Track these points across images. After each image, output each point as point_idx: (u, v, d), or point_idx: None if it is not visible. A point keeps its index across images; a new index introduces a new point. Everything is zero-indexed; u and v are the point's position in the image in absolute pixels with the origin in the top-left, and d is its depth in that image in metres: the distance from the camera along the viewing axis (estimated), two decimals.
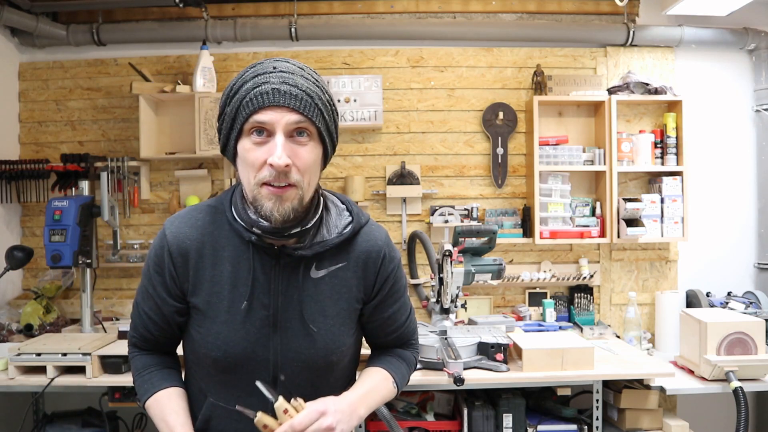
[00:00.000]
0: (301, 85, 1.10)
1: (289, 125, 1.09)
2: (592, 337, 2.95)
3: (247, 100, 1.08)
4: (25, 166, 3.03)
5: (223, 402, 1.20)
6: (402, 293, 1.33)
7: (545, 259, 3.26)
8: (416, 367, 1.45)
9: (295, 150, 1.10)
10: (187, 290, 1.20)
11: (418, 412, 2.60)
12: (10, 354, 2.34)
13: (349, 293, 1.23)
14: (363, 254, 1.23)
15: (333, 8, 3.26)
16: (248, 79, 1.10)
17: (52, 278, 3.09)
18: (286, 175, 1.08)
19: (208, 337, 1.17)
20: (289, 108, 1.08)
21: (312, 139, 1.13)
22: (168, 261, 1.19)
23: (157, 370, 1.26)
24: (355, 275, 1.23)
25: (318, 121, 1.12)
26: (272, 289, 1.18)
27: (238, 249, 1.18)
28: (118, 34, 3.22)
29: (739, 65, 3.33)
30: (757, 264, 3.31)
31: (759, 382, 2.42)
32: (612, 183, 3.07)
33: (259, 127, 1.09)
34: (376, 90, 3.19)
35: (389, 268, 1.27)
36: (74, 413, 2.66)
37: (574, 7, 3.29)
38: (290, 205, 1.10)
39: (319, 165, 1.17)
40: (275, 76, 1.09)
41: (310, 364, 1.19)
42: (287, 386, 1.19)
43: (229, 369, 1.18)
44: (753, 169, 3.33)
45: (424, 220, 3.27)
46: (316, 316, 1.19)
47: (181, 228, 1.20)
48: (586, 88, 3.17)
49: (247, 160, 1.10)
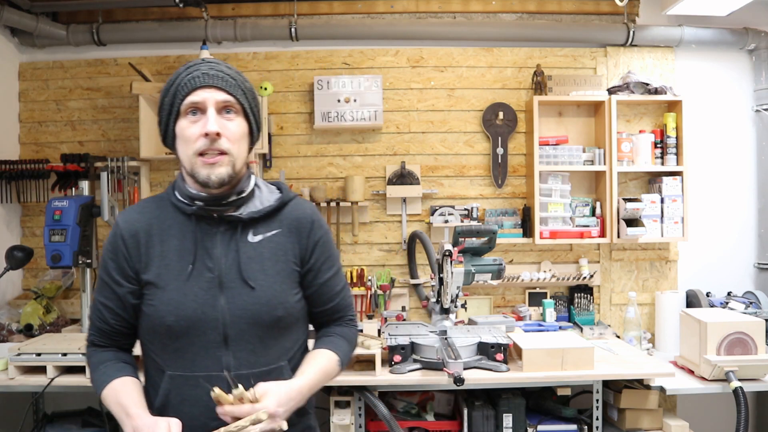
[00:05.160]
0: (225, 71, 1.31)
1: (218, 102, 1.28)
2: (592, 337, 2.95)
3: (181, 85, 1.28)
4: (25, 166, 3.03)
5: (180, 371, 1.28)
6: (335, 262, 1.46)
7: (545, 259, 3.26)
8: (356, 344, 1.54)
9: (225, 123, 1.28)
10: (140, 269, 1.31)
11: (418, 412, 2.60)
12: (10, 354, 2.34)
13: (286, 256, 1.36)
14: (295, 221, 1.39)
15: (333, 8, 3.26)
16: (181, 72, 1.30)
17: (52, 278, 3.09)
18: (218, 143, 1.26)
19: (160, 306, 1.28)
20: (218, 87, 1.28)
21: (239, 115, 1.32)
22: (121, 245, 1.33)
23: (112, 363, 1.35)
24: (289, 240, 1.37)
25: (242, 99, 1.31)
26: (215, 253, 1.31)
27: (183, 224, 1.33)
28: (118, 34, 3.22)
29: (739, 65, 3.33)
30: (757, 264, 3.31)
31: (759, 382, 2.42)
32: (612, 183, 3.07)
33: (194, 107, 1.27)
34: (376, 90, 3.19)
35: (319, 234, 1.41)
36: (74, 413, 2.66)
37: (574, 7, 3.29)
38: (224, 170, 1.27)
39: (247, 140, 1.35)
40: (204, 66, 1.30)
41: (257, 319, 1.30)
42: (238, 344, 1.28)
43: (183, 333, 1.27)
44: (753, 169, 3.33)
45: (424, 220, 3.27)
46: (256, 274, 1.31)
47: (130, 214, 1.37)
48: (586, 88, 3.17)
49: (185, 136, 1.28)
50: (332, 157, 3.28)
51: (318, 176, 3.28)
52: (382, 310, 3.09)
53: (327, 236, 1.44)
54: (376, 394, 2.36)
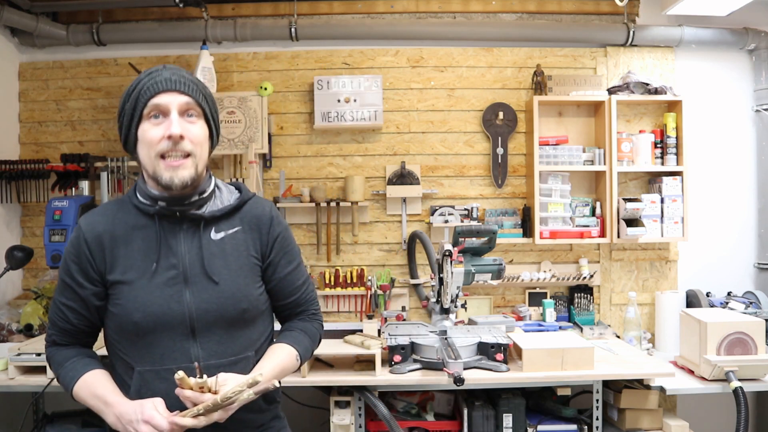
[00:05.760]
0: (186, 76, 1.35)
1: (181, 105, 1.31)
2: (592, 337, 2.95)
3: (144, 89, 1.30)
4: (25, 166, 3.02)
5: (149, 365, 1.31)
6: (295, 257, 1.51)
7: (545, 259, 3.26)
8: (321, 339, 1.58)
9: (187, 126, 1.31)
10: (105, 271, 1.34)
11: (418, 412, 2.60)
12: (10, 354, 2.34)
13: (247, 251, 1.41)
14: (254, 218, 1.44)
15: (333, 8, 3.26)
16: (143, 77, 1.33)
17: (52, 278, 3.08)
18: (181, 145, 1.29)
19: (127, 304, 1.31)
20: (180, 91, 1.31)
21: (200, 118, 1.35)
22: (84, 248, 1.34)
23: (78, 358, 1.38)
24: (250, 236, 1.42)
25: (203, 103, 1.35)
26: (179, 251, 1.35)
27: (146, 224, 1.36)
28: (118, 34, 3.22)
29: (739, 65, 3.33)
30: (757, 264, 3.31)
31: (759, 382, 2.42)
32: (612, 183, 3.07)
33: (156, 111, 1.30)
34: (376, 90, 3.19)
35: (278, 230, 1.46)
36: (74, 413, 2.65)
37: (574, 7, 3.29)
38: (187, 172, 1.30)
39: (208, 143, 1.38)
40: (166, 71, 1.33)
41: (222, 313, 1.34)
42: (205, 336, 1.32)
43: (150, 329, 1.31)
44: (753, 169, 3.33)
45: (424, 220, 3.27)
46: (220, 269, 1.36)
47: (92, 217, 1.39)
48: (586, 88, 3.17)
49: (146, 139, 1.30)
50: (332, 157, 3.28)
51: (318, 176, 3.28)
52: (382, 310, 3.09)
53: (286, 232, 1.49)
54: (376, 394, 2.36)
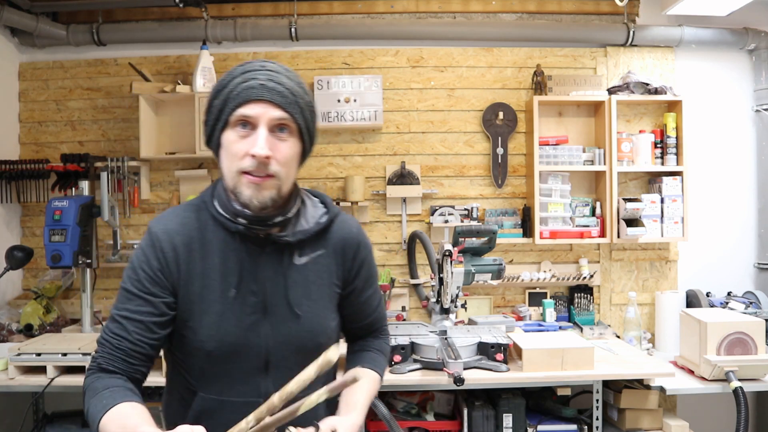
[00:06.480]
0: (285, 83, 1.16)
1: (272, 120, 1.15)
2: (592, 337, 2.95)
3: (234, 93, 1.15)
4: (25, 166, 3.03)
5: (215, 394, 1.22)
6: (375, 280, 1.42)
7: (545, 259, 3.26)
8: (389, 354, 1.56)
9: (276, 144, 1.16)
10: (178, 286, 1.21)
11: (418, 412, 2.60)
12: (10, 354, 2.34)
13: (330, 278, 1.30)
14: (340, 242, 1.32)
15: (333, 8, 3.26)
16: (237, 74, 1.17)
17: (52, 278, 3.09)
18: (266, 166, 1.14)
19: (201, 330, 1.20)
20: (273, 103, 1.14)
21: (292, 135, 1.19)
22: (160, 256, 1.20)
23: (120, 389, 1.13)
24: (334, 261, 1.31)
25: (299, 118, 1.18)
26: (260, 276, 1.22)
27: (225, 241, 1.22)
28: (118, 34, 3.22)
29: (739, 65, 3.33)
30: (757, 264, 3.31)
31: (759, 382, 2.42)
32: (612, 183, 3.07)
33: (244, 120, 1.15)
34: (376, 90, 3.19)
35: (363, 254, 1.36)
36: (74, 413, 2.66)
37: (574, 7, 3.29)
38: (269, 193, 1.16)
39: (298, 160, 1.23)
40: (262, 74, 1.16)
41: (300, 346, 1.24)
42: (279, 371, 1.22)
43: (223, 359, 1.21)
44: (753, 169, 3.33)
45: (424, 220, 3.27)
46: (301, 299, 1.25)
47: (168, 225, 1.23)
48: (586, 88, 3.17)
49: (230, 151, 1.16)
50: (332, 157, 3.28)
51: (318, 176, 3.28)
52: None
53: (370, 256, 1.39)
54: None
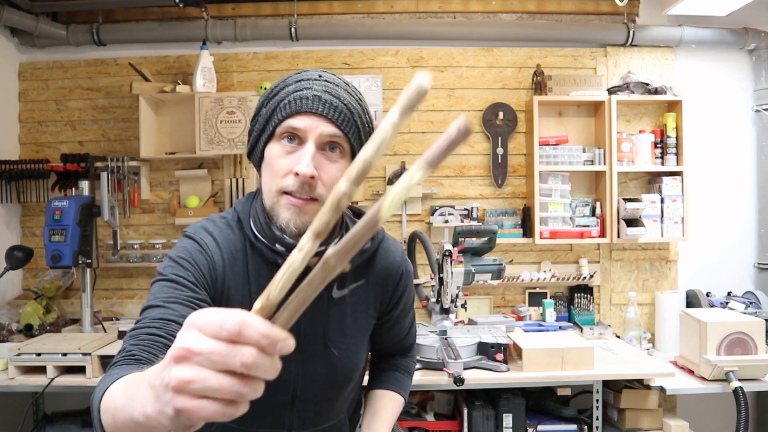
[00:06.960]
0: (343, 98, 1.04)
1: (322, 136, 1.02)
2: (592, 337, 2.95)
3: (285, 102, 1.03)
4: (25, 166, 3.03)
5: (236, 423, 1.15)
6: (412, 306, 1.34)
7: (545, 259, 3.26)
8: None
9: (324, 164, 1.02)
10: (218, 301, 1.09)
11: (418, 412, 2.60)
12: (10, 354, 2.34)
13: (367, 311, 1.22)
14: (383, 272, 1.21)
15: (333, 8, 3.26)
16: (291, 83, 1.06)
17: (52, 278, 3.09)
18: (310, 187, 1.01)
19: None
20: (326, 118, 1.02)
21: (344, 156, 1.05)
22: (209, 261, 1.08)
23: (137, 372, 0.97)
24: (373, 292, 1.21)
25: (353, 138, 1.05)
26: None
27: (262, 269, 1.11)
28: (118, 34, 3.22)
29: (739, 65, 3.33)
30: (757, 264, 3.31)
31: (759, 382, 2.42)
32: (612, 183, 3.07)
33: (292, 133, 1.03)
34: (376, 90, 3.19)
35: (405, 284, 1.26)
36: (74, 413, 2.66)
37: (574, 7, 3.29)
38: (309, 219, 1.01)
39: None
40: (319, 84, 1.04)
41: (330, 383, 1.18)
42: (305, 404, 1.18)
43: None
44: (753, 169, 3.33)
45: (424, 220, 3.27)
46: (336, 337, 1.16)
47: (215, 235, 1.12)
48: (586, 88, 3.17)
49: (273, 166, 1.04)
50: None
51: None
52: None
53: (411, 284, 1.29)
54: None
